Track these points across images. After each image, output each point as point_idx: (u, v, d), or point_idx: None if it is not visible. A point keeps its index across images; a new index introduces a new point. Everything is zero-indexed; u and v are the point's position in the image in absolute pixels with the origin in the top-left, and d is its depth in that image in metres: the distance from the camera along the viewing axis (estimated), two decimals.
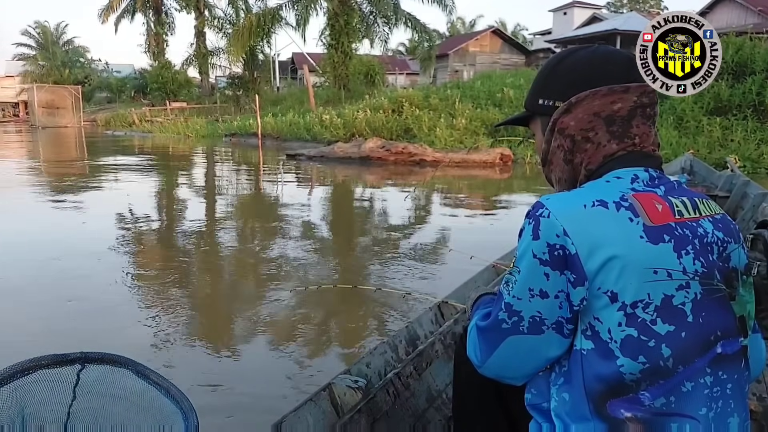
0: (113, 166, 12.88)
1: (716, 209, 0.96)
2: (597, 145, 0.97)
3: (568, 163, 1.00)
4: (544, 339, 0.91)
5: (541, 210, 0.88)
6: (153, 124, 28.14)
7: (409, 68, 40.78)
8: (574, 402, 0.90)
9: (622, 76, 0.98)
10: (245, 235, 6.09)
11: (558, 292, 0.87)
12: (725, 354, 0.87)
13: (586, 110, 0.97)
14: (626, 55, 1.03)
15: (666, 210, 0.88)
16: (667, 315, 0.84)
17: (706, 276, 0.87)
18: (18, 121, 40.57)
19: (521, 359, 0.96)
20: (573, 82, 1.00)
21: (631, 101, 0.97)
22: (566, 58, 1.05)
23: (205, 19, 33.36)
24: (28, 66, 43.89)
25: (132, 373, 1.31)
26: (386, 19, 25.08)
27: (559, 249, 0.86)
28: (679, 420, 0.84)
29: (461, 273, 2.61)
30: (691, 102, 12.09)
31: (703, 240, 0.89)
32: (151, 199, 8.31)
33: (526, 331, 0.91)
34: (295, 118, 19.35)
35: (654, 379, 0.84)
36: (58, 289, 3.91)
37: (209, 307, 3.73)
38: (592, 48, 1.05)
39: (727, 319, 0.89)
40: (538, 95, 1.06)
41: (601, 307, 0.86)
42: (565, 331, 0.90)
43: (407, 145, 12.68)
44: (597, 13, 37.70)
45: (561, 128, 1.00)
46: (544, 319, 0.89)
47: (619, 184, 0.92)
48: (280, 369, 2.76)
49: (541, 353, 0.93)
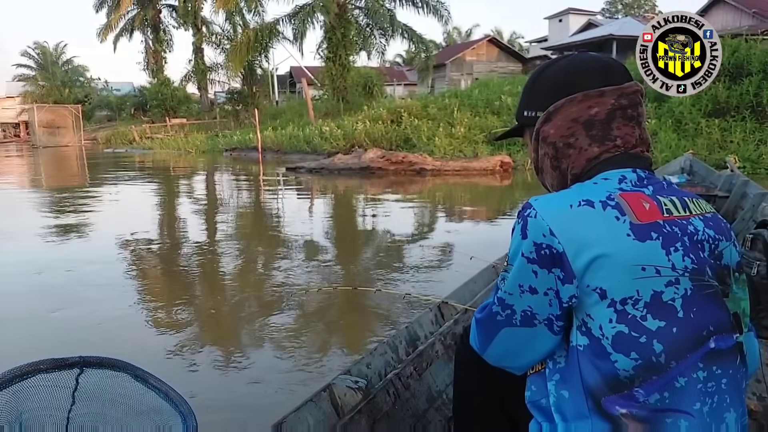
0: (114, 182, 12.91)
1: (707, 208, 0.97)
2: (579, 150, 0.99)
3: (556, 169, 1.03)
4: (538, 332, 0.93)
5: (529, 210, 0.91)
6: (153, 140, 28.27)
7: (407, 78, 40.94)
8: (573, 398, 0.90)
9: (598, 82, 0.99)
10: (246, 244, 6.09)
11: (547, 289, 0.89)
12: (719, 349, 0.87)
13: (564, 117, 1.00)
14: (603, 60, 1.04)
15: (654, 208, 0.90)
16: (657, 311, 0.84)
17: (697, 272, 0.87)
18: (19, 141, 40.77)
19: (517, 349, 0.99)
20: (551, 91, 1.03)
21: (608, 104, 0.98)
22: (546, 69, 1.08)
23: (203, 36, 33.60)
24: (29, 86, 44.10)
25: (131, 377, 1.31)
26: (383, 31, 25.20)
27: (546, 248, 0.88)
28: (674, 416, 0.85)
29: (461, 274, 2.61)
30: (689, 104, 12.12)
31: (693, 237, 0.90)
32: (153, 211, 8.33)
33: (519, 324, 0.95)
34: (294, 131, 19.44)
35: (647, 376, 0.84)
36: (58, 298, 3.92)
37: (210, 310, 3.74)
38: (570, 57, 1.08)
39: (720, 315, 0.89)
40: (524, 107, 1.10)
41: (591, 305, 0.87)
42: (555, 328, 0.92)
43: (407, 155, 12.72)
44: (592, 19, 37.88)
45: (543, 137, 1.03)
46: (536, 314, 0.92)
47: (606, 184, 0.93)
48: (280, 369, 2.76)
49: (536, 345, 0.95)
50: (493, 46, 37.91)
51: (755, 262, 1.63)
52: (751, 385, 1.89)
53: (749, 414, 1.74)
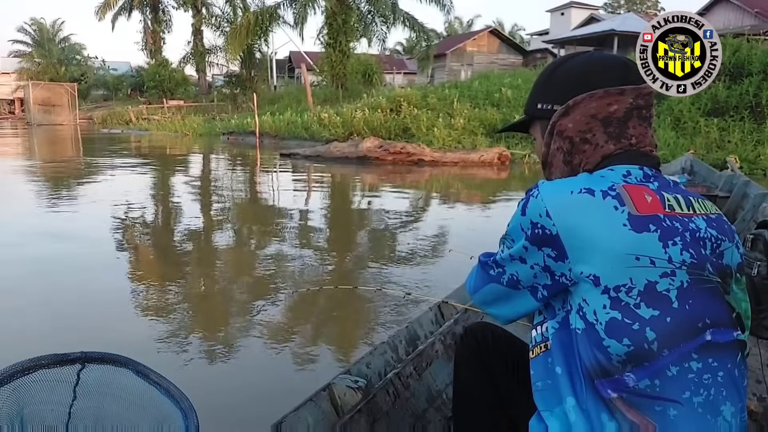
0: (110, 165, 12.84)
1: (712, 209, 0.98)
2: (595, 146, 1.00)
3: (567, 165, 1.04)
4: (520, 295, 0.99)
5: (534, 190, 0.94)
6: (150, 122, 28.10)
7: (406, 67, 40.78)
8: (571, 380, 0.92)
9: (617, 80, 1.01)
10: (243, 237, 6.08)
11: (534, 264, 0.94)
12: (715, 342, 0.88)
13: (583, 112, 1.01)
14: (621, 59, 1.07)
15: (656, 202, 0.91)
16: (651, 300, 0.86)
17: (696, 267, 0.88)
18: (13, 118, 40.42)
19: (500, 303, 1.05)
20: (570, 86, 1.04)
21: (626, 103, 1.00)
22: (564, 63, 1.09)
23: (203, 17, 33.33)
24: (24, 63, 43.68)
25: (132, 372, 1.31)
26: (384, 19, 25.07)
27: (540, 228, 0.91)
28: (663, 404, 0.86)
29: (461, 273, 2.61)
30: (688, 103, 12.13)
31: (695, 234, 0.91)
32: (147, 200, 8.27)
33: (505, 284, 1.01)
34: (293, 117, 19.33)
35: (638, 362, 0.86)
36: (52, 288, 3.90)
37: (209, 309, 3.72)
38: (588, 53, 1.09)
39: (719, 309, 0.90)
40: (537, 100, 1.10)
41: (587, 290, 0.89)
42: (539, 295, 0.97)
43: (405, 145, 12.67)
44: (594, 13, 37.78)
45: (560, 131, 1.04)
46: (520, 280, 0.98)
47: (611, 176, 0.95)
48: (280, 369, 2.76)
49: (516, 305, 1.02)
50: (494, 38, 37.80)
51: (756, 262, 1.63)
52: (751, 385, 1.91)
53: (749, 414, 1.76)
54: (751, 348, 2.02)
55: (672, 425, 0.85)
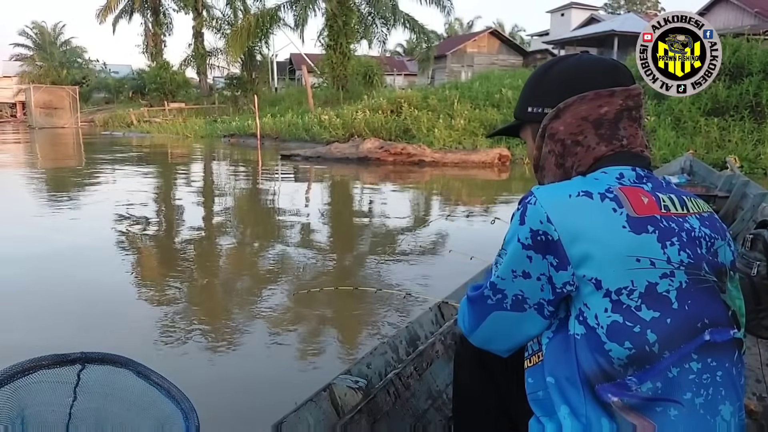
0: (111, 167, 12.85)
1: (704, 207, 0.99)
2: (587, 148, 1.00)
3: (560, 167, 1.04)
4: (527, 316, 0.96)
5: (530, 198, 0.93)
6: (151, 124, 28.12)
7: (407, 69, 40.78)
8: (569, 387, 0.92)
9: (607, 82, 1.01)
10: (244, 239, 6.08)
11: (540, 274, 0.91)
12: (714, 342, 0.88)
13: (574, 115, 1.01)
14: (611, 61, 1.07)
15: (652, 203, 0.91)
16: (652, 301, 0.86)
17: (694, 266, 0.89)
18: (15, 121, 40.46)
19: (505, 333, 1.01)
20: (560, 89, 1.04)
21: (617, 104, 1.00)
22: (553, 66, 1.09)
23: (203, 20, 33.32)
24: (26, 66, 43.76)
25: (133, 373, 1.31)
26: (384, 20, 25.08)
27: (542, 234, 0.89)
28: (664, 404, 0.86)
29: (461, 273, 2.61)
30: (688, 102, 12.12)
31: (690, 234, 0.91)
32: (148, 201, 8.27)
33: (509, 308, 0.97)
34: (293, 119, 19.35)
35: (640, 365, 0.86)
36: (56, 291, 3.90)
37: (210, 310, 3.72)
38: (577, 56, 1.09)
39: (717, 309, 0.90)
40: (528, 103, 1.10)
41: (587, 294, 0.89)
42: (546, 312, 0.94)
43: (406, 146, 12.68)
44: (594, 14, 37.74)
45: (551, 133, 1.03)
46: (527, 298, 0.94)
47: (606, 178, 0.95)
48: (280, 369, 2.76)
49: (523, 329, 0.98)
50: (495, 39, 37.78)
51: (755, 262, 1.62)
52: (750, 384, 1.90)
53: (749, 414, 1.75)
54: (751, 347, 2.02)
55: (672, 426, 0.86)
